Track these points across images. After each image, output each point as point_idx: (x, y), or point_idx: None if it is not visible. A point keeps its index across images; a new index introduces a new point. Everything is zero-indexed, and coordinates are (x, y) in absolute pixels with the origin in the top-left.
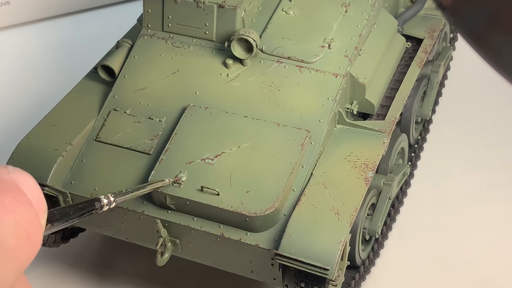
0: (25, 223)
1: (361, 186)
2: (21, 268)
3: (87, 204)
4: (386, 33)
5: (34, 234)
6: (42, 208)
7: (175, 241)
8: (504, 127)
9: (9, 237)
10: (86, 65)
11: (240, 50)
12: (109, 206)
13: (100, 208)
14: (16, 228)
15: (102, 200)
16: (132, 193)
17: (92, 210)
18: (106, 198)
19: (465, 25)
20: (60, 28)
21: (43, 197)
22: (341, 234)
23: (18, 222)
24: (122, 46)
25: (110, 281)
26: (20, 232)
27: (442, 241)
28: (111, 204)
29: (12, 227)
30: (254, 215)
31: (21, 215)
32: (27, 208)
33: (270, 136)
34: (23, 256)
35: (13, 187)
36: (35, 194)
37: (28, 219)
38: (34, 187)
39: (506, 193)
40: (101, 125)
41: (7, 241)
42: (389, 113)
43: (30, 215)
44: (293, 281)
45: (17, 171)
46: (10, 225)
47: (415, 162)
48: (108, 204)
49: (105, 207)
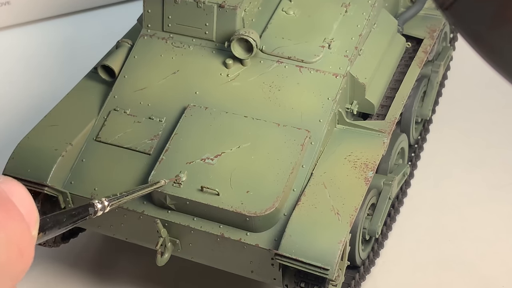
0: (16, 238)
1: (361, 186)
2: (13, 282)
3: (80, 210)
4: (386, 33)
5: (26, 249)
6: (34, 219)
7: (175, 241)
8: (504, 127)
9: (0, 252)
10: (86, 65)
11: (240, 50)
12: (103, 211)
13: (94, 213)
14: (7, 244)
15: (96, 205)
16: (127, 197)
17: (86, 216)
18: (100, 203)
19: (465, 25)
20: (61, 28)
21: (35, 207)
22: (341, 234)
23: (9, 238)
24: (122, 46)
25: (110, 281)
26: (11, 248)
27: (442, 241)
28: (105, 209)
29: (3, 242)
30: (254, 215)
31: (12, 230)
32: (18, 223)
33: (270, 136)
34: (14, 271)
35: (4, 200)
36: (27, 205)
37: (19, 234)
38: (25, 198)
39: (506, 193)
40: (101, 125)
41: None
42: (389, 113)
43: (21, 229)
44: (293, 281)
45: (7, 181)
46: (1, 241)
47: (415, 162)
48: (102, 209)
49: (99, 212)
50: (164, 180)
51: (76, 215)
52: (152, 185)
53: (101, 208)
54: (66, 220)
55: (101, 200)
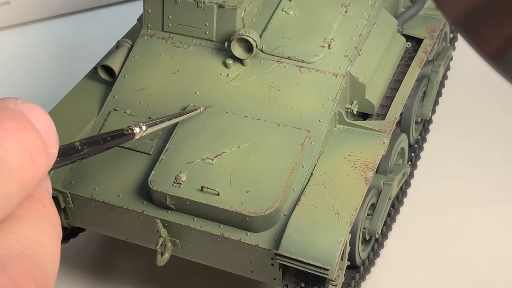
0: (28, 145)
1: (361, 186)
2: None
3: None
4: (386, 33)
5: (38, 156)
6: (52, 137)
7: (175, 241)
8: (504, 127)
9: (12, 157)
10: (86, 65)
11: (240, 50)
12: (141, 135)
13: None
14: (18, 149)
15: (134, 129)
16: (163, 123)
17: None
18: (139, 127)
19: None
20: (60, 28)
21: (54, 127)
22: (341, 234)
23: (20, 144)
24: (122, 46)
25: (110, 281)
26: (23, 154)
27: (442, 241)
28: (143, 133)
29: (15, 148)
30: (254, 215)
31: (23, 138)
32: (29, 132)
33: (270, 136)
34: (26, 177)
35: (17, 115)
36: (44, 124)
37: (30, 141)
38: (43, 118)
39: (506, 193)
40: (101, 125)
41: (10, 161)
42: (389, 113)
43: (33, 138)
44: (293, 281)
45: (26, 103)
46: (13, 147)
47: (415, 162)
48: (140, 133)
49: (137, 136)
50: (200, 109)
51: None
52: (189, 111)
53: (139, 132)
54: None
55: (140, 125)
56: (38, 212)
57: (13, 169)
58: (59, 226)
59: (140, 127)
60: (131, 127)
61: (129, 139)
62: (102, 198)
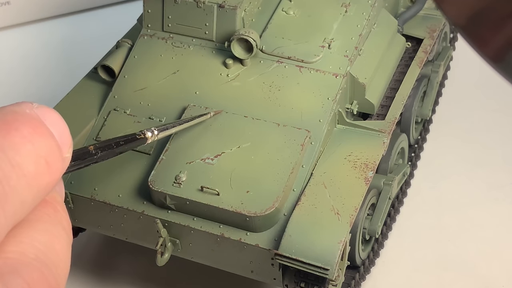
0: (43, 151)
1: (361, 186)
2: (41, 193)
3: (133, 136)
4: (386, 33)
5: (53, 162)
6: (66, 141)
7: (175, 241)
8: (504, 127)
9: (28, 163)
10: (86, 65)
11: (240, 50)
12: (153, 139)
13: (145, 141)
14: (34, 155)
15: (146, 133)
16: (174, 127)
17: (140, 143)
18: (151, 132)
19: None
20: (60, 28)
21: (68, 132)
22: (341, 234)
23: (36, 150)
24: (122, 46)
25: (110, 281)
26: (39, 159)
27: (442, 241)
28: (155, 137)
29: (31, 154)
30: (254, 215)
31: (39, 143)
32: (45, 138)
33: (270, 136)
34: (42, 183)
35: (34, 120)
36: (59, 129)
37: (46, 147)
38: (59, 122)
39: (506, 193)
40: (101, 125)
41: (27, 167)
42: (389, 113)
43: (49, 144)
44: (293, 281)
45: (42, 107)
46: (29, 152)
47: (415, 162)
48: (152, 137)
49: (150, 140)
50: (210, 113)
51: (129, 141)
52: (200, 116)
53: (151, 137)
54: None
55: (152, 129)
56: (50, 217)
57: (30, 175)
58: (70, 231)
59: (152, 131)
60: (143, 132)
61: (141, 143)
62: (102, 198)
